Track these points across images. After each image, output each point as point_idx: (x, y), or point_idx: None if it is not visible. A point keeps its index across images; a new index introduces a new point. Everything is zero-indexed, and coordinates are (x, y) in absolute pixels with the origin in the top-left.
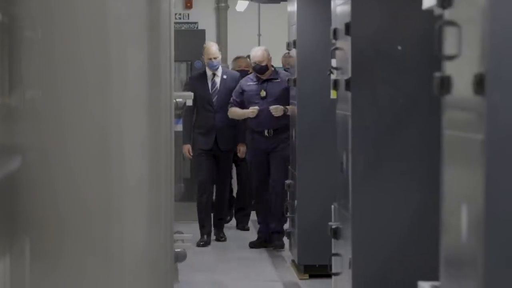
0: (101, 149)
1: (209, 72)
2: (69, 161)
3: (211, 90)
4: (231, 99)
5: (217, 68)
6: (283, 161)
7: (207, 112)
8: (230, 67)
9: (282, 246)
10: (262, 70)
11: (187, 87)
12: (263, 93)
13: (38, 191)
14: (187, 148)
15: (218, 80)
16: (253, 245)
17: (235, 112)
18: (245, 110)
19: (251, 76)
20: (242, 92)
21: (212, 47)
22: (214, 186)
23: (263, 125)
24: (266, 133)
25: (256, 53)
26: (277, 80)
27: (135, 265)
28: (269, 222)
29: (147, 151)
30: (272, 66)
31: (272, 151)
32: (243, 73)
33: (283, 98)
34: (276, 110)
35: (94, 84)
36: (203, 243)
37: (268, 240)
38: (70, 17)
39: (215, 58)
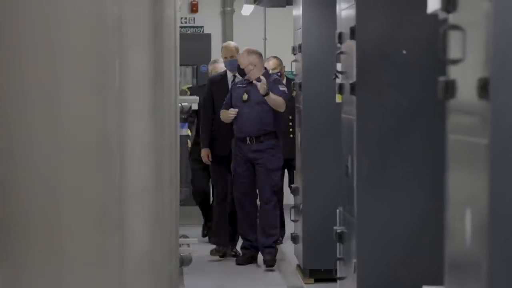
0: (101, 153)
1: (229, 74)
2: (69, 165)
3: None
4: (224, 102)
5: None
6: (268, 175)
7: None
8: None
9: (272, 263)
10: (242, 72)
11: (207, 89)
12: (245, 97)
13: (38, 194)
14: (206, 153)
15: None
16: (240, 262)
17: (223, 114)
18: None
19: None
20: (231, 94)
21: (229, 45)
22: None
23: (244, 131)
24: (248, 140)
25: (242, 57)
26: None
27: (137, 269)
28: (258, 237)
29: (151, 155)
30: (265, 69)
31: (257, 162)
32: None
33: (267, 103)
34: (261, 84)
35: (95, 87)
36: (222, 254)
37: (256, 257)
38: (71, 20)
39: (231, 57)
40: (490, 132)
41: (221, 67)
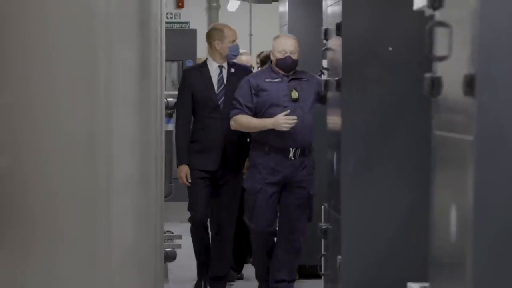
0: (88, 147)
1: (213, 65)
2: (57, 158)
3: (217, 89)
4: (237, 104)
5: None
6: (309, 203)
7: (210, 119)
8: None
9: None
10: (292, 66)
11: (184, 84)
12: (295, 94)
13: (29, 188)
14: (184, 171)
15: (225, 74)
16: None
17: (248, 122)
18: (271, 120)
19: (267, 71)
20: (258, 93)
21: (231, 27)
22: (214, 225)
23: (290, 141)
24: (291, 154)
25: (287, 41)
26: (305, 80)
27: (122, 263)
28: (274, 271)
29: (136, 149)
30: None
31: (296, 185)
32: None
33: (314, 103)
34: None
35: (82, 82)
36: None
37: None
38: (59, 14)
39: (234, 41)
40: (475, 128)
41: (245, 60)
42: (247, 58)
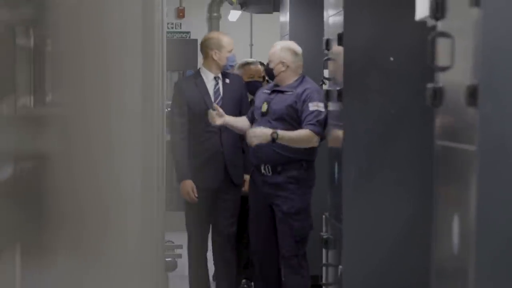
0: (102, 157)
1: (209, 76)
2: (74, 164)
3: (215, 101)
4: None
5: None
6: (286, 221)
7: (208, 133)
8: None
9: None
10: (269, 73)
11: (178, 96)
12: (264, 108)
13: (58, 193)
14: (190, 186)
15: (221, 85)
16: None
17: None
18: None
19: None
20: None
21: (228, 36)
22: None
23: (258, 156)
24: (263, 169)
25: (271, 48)
26: (289, 93)
27: (127, 272)
28: None
29: (141, 160)
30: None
31: (272, 202)
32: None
33: (290, 119)
34: (252, 136)
35: (96, 95)
36: None
37: None
38: (78, 28)
39: (231, 51)
40: (478, 139)
41: (254, 69)
42: (256, 67)
